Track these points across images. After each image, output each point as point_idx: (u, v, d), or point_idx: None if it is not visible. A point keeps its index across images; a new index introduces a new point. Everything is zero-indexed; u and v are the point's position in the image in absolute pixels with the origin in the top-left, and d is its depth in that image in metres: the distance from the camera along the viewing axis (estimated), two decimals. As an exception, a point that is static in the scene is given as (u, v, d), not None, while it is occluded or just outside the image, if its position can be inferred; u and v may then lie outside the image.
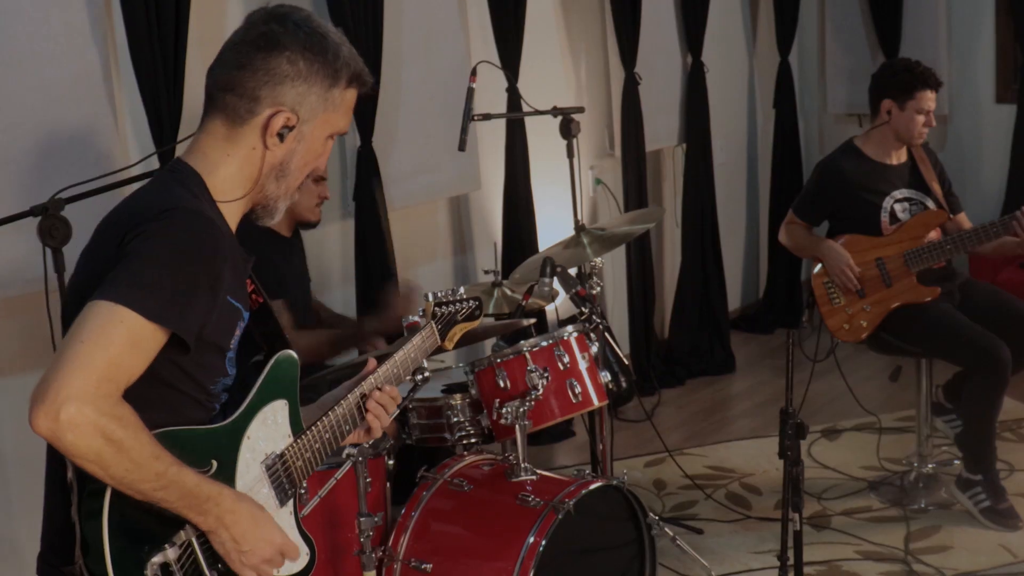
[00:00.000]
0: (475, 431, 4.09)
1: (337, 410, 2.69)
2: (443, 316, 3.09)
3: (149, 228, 2.24)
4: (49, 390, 2.07)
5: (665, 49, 7.47)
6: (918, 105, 5.18)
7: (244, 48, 2.43)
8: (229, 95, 2.43)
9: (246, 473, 2.41)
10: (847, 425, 6.25)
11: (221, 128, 2.45)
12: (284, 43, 2.41)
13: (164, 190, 2.38)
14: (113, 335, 2.12)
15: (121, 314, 2.13)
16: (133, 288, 2.16)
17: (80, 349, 2.10)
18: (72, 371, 2.08)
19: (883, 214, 5.20)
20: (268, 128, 2.43)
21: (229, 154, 2.45)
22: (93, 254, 2.39)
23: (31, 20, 4.31)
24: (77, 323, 2.14)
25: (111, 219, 2.40)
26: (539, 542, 3.57)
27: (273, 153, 2.47)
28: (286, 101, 2.43)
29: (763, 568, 4.75)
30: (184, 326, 2.23)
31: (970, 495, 5.06)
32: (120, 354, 2.13)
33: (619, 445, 5.93)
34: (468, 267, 6.38)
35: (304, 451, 2.57)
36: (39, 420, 2.07)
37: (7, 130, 4.25)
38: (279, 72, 2.41)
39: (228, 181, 2.46)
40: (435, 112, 5.89)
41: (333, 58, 2.46)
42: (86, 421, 2.07)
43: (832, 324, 5.23)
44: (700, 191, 7.55)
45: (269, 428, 2.48)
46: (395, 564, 3.78)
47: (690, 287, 7.58)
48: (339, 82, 2.50)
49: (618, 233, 5.00)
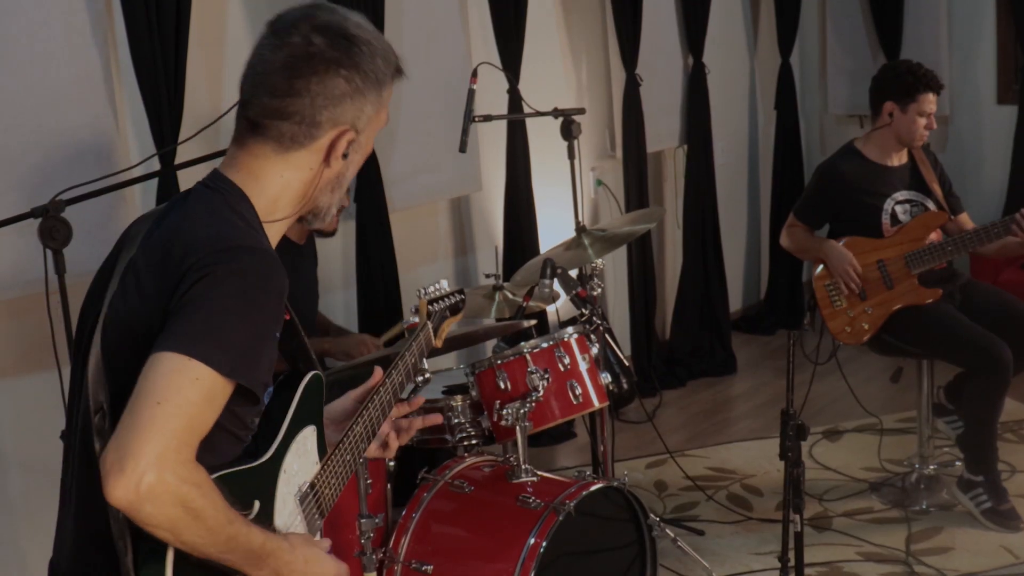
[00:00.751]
0: (476, 432, 4.08)
1: (356, 428, 2.58)
2: (437, 314, 3.00)
3: (216, 271, 2.08)
4: (127, 458, 1.93)
5: (666, 50, 7.47)
6: (920, 107, 5.18)
7: (294, 72, 2.25)
8: (285, 124, 2.27)
9: (283, 509, 2.30)
10: (848, 426, 6.25)
11: (272, 153, 2.30)
12: (336, 59, 2.26)
13: (219, 218, 2.21)
14: (190, 394, 2.00)
15: (196, 370, 2.01)
16: (206, 341, 2.03)
17: (157, 412, 1.97)
18: (151, 436, 1.95)
19: (884, 216, 5.20)
20: (333, 151, 2.32)
21: (283, 175, 2.31)
22: (142, 283, 2.18)
23: (31, 21, 4.31)
24: (148, 379, 2.00)
25: (160, 245, 2.20)
26: (540, 543, 3.56)
27: (332, 169, 2.35)
28: (346, 119, 2.31)
29: (764, 569, 4.75)
30: (256, 380, 2.13)
31: (971, 496, 5.06)
32: (197, 414, 2.02)
33: (620, 446, 5.93)
34: (469, 268, 6.38)
35: (331, 478, 2.46)
36: (117, 491, 1.93)
37: (7, 131, 4.25)
38: (337, 93, 2.27)
39: (278, 201, 2.33)
40: (436, 113, 5.89)
41: (383, 63, 2.36)
42: (166, 491, 1.95)
43: (833, 327, 5.23)
44: (701, 192, 7.56)
45: (301, 458, 2.37)
46: (396, 566, 3.77)
47: (691, 288, 7.58)
48: (386, 84, 2.39)
49: (619, 234, 5.00)
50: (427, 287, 2.99)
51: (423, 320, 2.94)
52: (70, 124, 4.42)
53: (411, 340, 2.87)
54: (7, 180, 4.25)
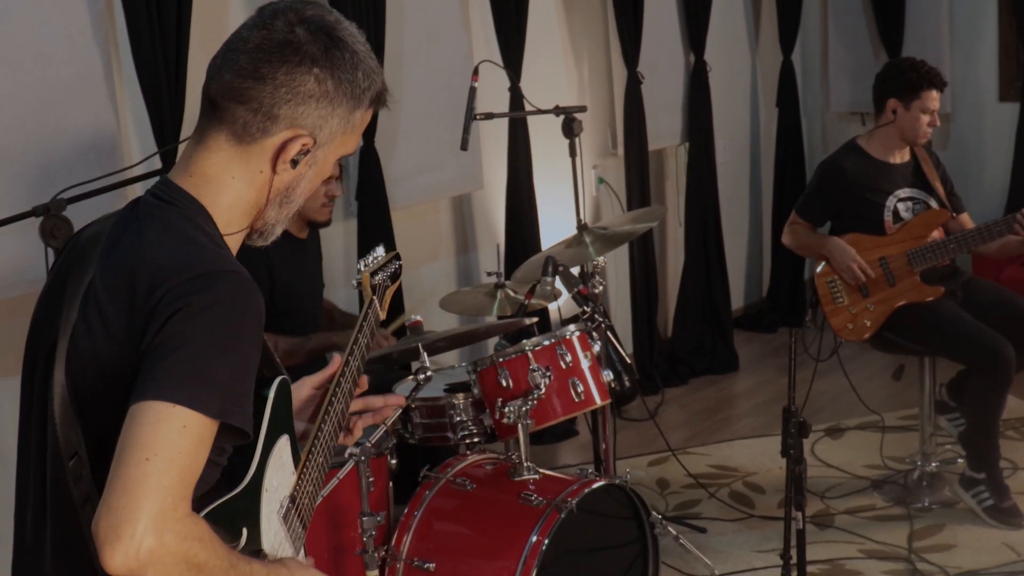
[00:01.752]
0: (478, 430, 4.08)
1: (325, 428, 2.43)
2: (379, 287, 2.78)
3: (190, 304, 1.94)
4: (123, 523, 1.82)
5: (668, 48, 7.47)
6: (923, 105, 5.18)
7: (263, 55, 2.09)
8: (241, 108, 2.10)
9: (269, 530, 2.19)
10: (850, 424, 6.25)
11: (225, 144, 2.13)
12: (312, 55, 2.10)
13: (182, 238, 2.06)
14: (179, 444, 1.88)
15: (183, 417, 1.88)
16: (189, 384, 1.90)
17: (148, 469, 1.85)
18: (145, 497, 1.83)
19: (886, 213, 5.20)
20: (283, 154, 2.14)
21: (235, 176, 2.15)
22: (107, 317, 2.01)
23: (32, 20, 4.31)
24: (132, 434, 1.87)
25: (121, 271, 2.03)
26: (542, 541, 3.57)
27: (281, 179, 2.18)
28: (306, 123, 2.13)
29: (766, 567, 4.74)
30: (245, 416, 2.01)
31: (974, 493, 5.06)
32: (189, 463, 1.90)
33: (622, 444, 5.93)
34: (471, 266, 6.39)
35: (308, 485, 2.34)
36: (116, 560, 1.82)
37: (8, 130, 4.26)
38: (303, 91, 2.10)
39: (233, 210, 2.17)
40: (437, 111, 5.90)
41: (363, 78, 2.16)
42: (168, 552, 1.84)
43: (836, 324, 5.23)
44: (703, 190, 7.56)
45: (280, 472, 2.25)
46: (398, 564, 3.78)
47: (693, 286, 7.58)
48: (363, 104, 2.19)
49: (621, 232, 5.00)
50: (364, 259, 2.79)
51: (368, 295, 2.73)
52: (71, 123, 4.42)
53: (361, 320, 2.67)
54: (8, 179, 4.25)
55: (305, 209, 4.63)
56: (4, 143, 4.25)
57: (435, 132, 5.89)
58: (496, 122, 5.75)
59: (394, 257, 2.87)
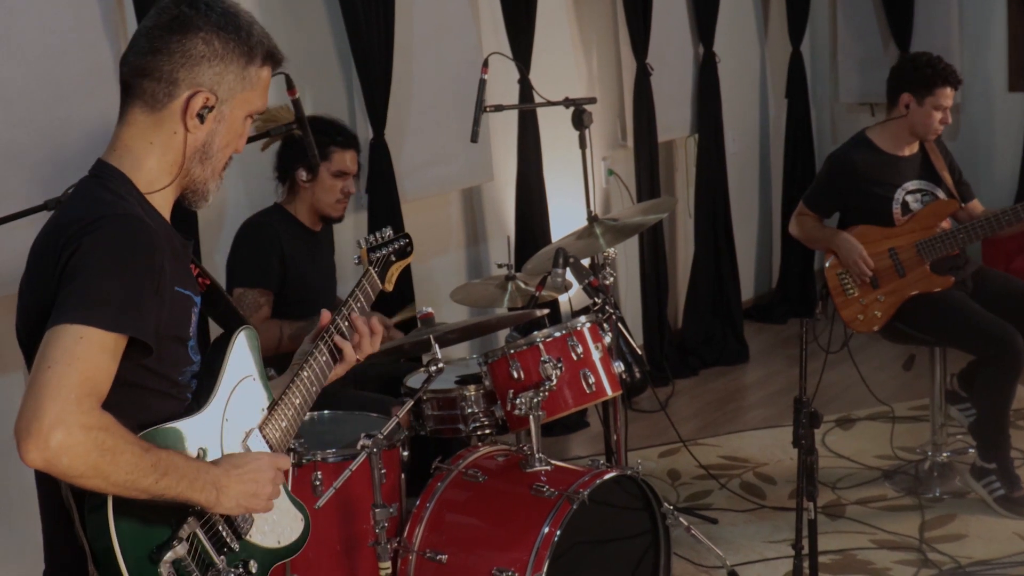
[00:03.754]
0: (489, 422, 4.09)
1: (303, 374, 2.77)
2: (379, 260, 3.12)
3: (83, 243, 2.24)
4: (32, 421, 2.09)
5: (677, 39, 7.47)
6: (936, 101, 5.16)
7: (157, 32, 2.42)
8: (146, 80, 2.42)
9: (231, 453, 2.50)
10: (861, 414, 6.25)
11: (140, 116, 2.45)
12: (197, 24, 2.42)
13: (89, 199, 2.38)
14: (78, 352, 2.14)
15: (80, 331, 2.16)
16: (83, 306, 2.18)
17: (50, 374, 2.12)
18: (49, 396, 2.10)
19: (895, 205, 5.19)
20: (188, 109, 2.43)
21: (152, 142, 2.45)
22: (34, 279, 2.38)
23: (42, 15, 4.32)
24: (40, 352, 2.16)
25: (42, 239, 2.40)
26: (554, 532, 3.57)
27: (195, 136, 2.47)
28: (204, 82, 2.43)
29: (778, 557, 4.75)
30: (141, 329, 2.26)
31: (984, 483, 5.06)
32: (89, 368, 2.15)
33: (633, 435, 5.94)
34: (481, 258, 6.39)
35: (280, 420, 2.65)
36: (31, 454, 2.09)
37: (19, 125, 4.26)
38: (195, 53, 2.41)
39: (154, 171, 2.46)
40: (447, 104, 5.90)
41: (247, 36, 2.48)
42: (76, 441, 2.10)
43: (846, 315, 5.23)
44: (712, 181, 7.56)
45: (243, 407, 2.55)
46: (410, 555, 3.78)
47: (703, 277, 7.58)
48: (255, 60, 2.50)
49: (631, 223, 5.00)
50: (369, 236, 3.12)
51: (365, 266, 3.05)
52: (81, 117, 4.43)
53: (355, 287, 3.00)
54: (19, 174, 4.26)
55: (320, 204, 4.67)
56: (14, 137, 4.25)
57: (445, 125, 5.90)
58: (506, 114, 5.76)
59: (401, 236, 3.18)
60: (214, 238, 5.05)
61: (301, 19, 5.37)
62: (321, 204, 4.68)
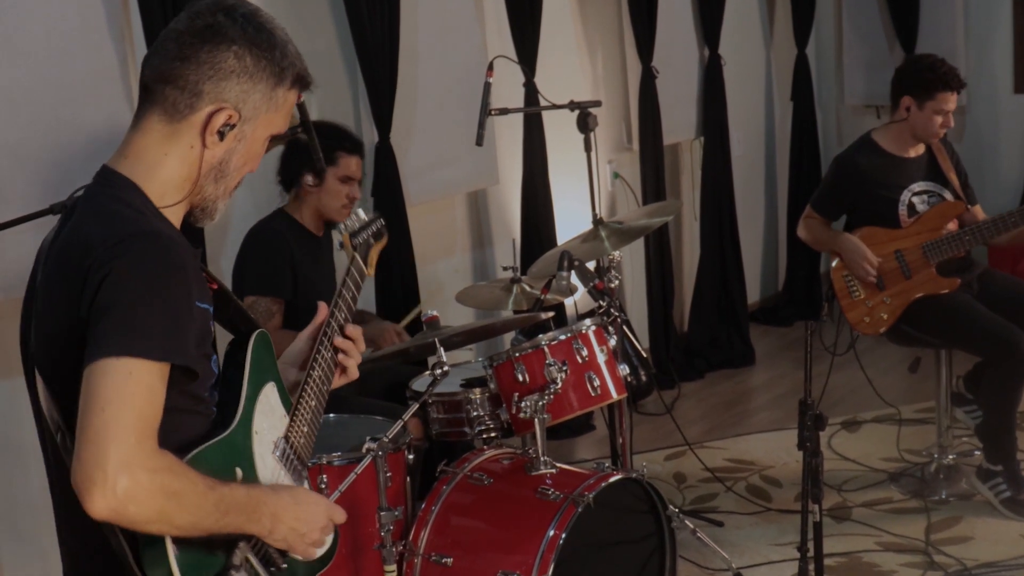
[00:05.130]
0: (494, 425, 4.10)
1: (314, 374, 2.68)
2: (361, 245, 2.99)
3: (114, 267, 2.11)
4: (95, 470, 1.98)
5: (682, 42, 7.47)
6: (937, 106, 5.16)
7: (187, 39, 2.28)
8: (169, 87, 2.28)
9: (264, 468, 2.38)
10: (867, 417, 6.25)
11: (158, 124, 2.31)
12: (231, 36, 2.28)
13: (106, 213, 2.23)
14: (129, 389, 2.04)
15: (127, 366, 2.05)
16: (126, 337, 2.07)
17: (105, 417, 2.01)
18: (109, 441, 1.99)
19: (901, 207, 5.19)
20: (209, 125, 2.30)
21: (167, 153, 2.31)
22: (55, 298, 2.22)
23: (48, 17, 4.32)
24: (89, 393, 2.04)
25: (59, 256, 2.24)
26: (559, 535, 3.57)
27: (212, 152, 2.33)
28: (229, 98, 2.30)
29: (783, 560, 4.75)
30: (187, 355, 2.17)
31: (991, 486, 5.06)
32: (143, 404, 2.05)
33: (639, 438, 5.93)
34: (487, 262, 6.39)
35: (302, 425, 2.57)
36: (97, 505, 1.98)
37: (25, 127, 4.27)
38: (224, 67, 2.28)
39: (167, 184, 2.32)
40: (452, 107, 5.90)
41: (280, 56, 2.34)
42: (142, 486, 2.00)
43: (852, 317, 5.22)
44: (718, 184, 7.56)
45: (268, 416, 2.46)
46: (416, 558, 3.78)
47: (709, 280, 7.58)
48: (284, 82, 2.37)
49: (636, 226, 5.00)
50: (346, 222, 2.98)
51: (350, 254, 2.94)
52: (87, 120, 4.43)
53: (345, 275, 2.90)
54: (25, 177, 4.27)
55: (326, 209, 4.68)
56: (20, 140, 4.26)
57: (450, 128, 5.90)
58: (511, 118, 5.76)
59: (376, 219, 3.07)
60: (220, 243, 5.05)
61: (306, 22, 5.38)
62: (327, 209, 4.69)
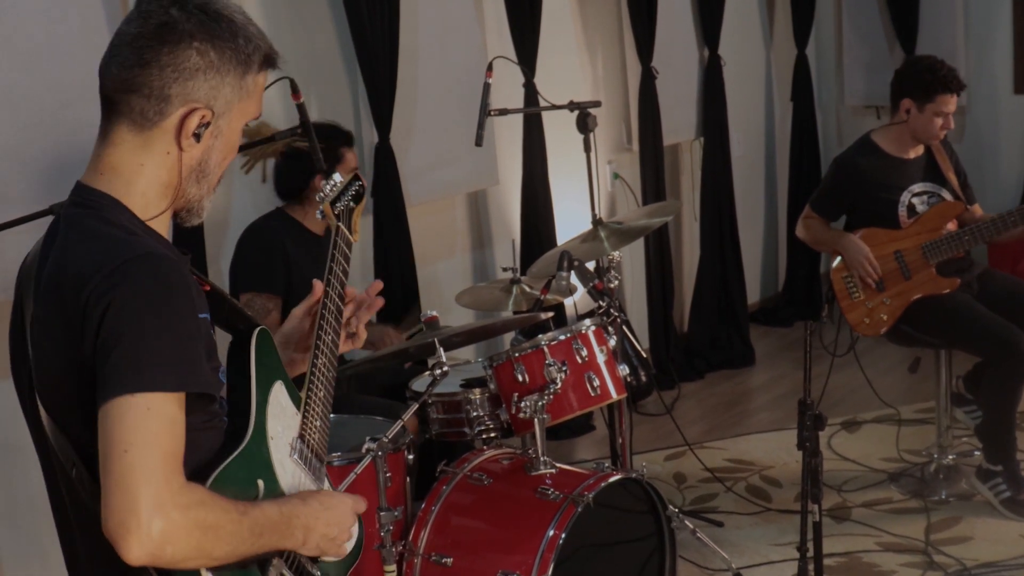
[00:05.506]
0: (494, 425, 4.10)
1: (318, 362, 2.53)
2: (344, 212, 2.83)
3: (114, 297, 2.00)
4: (129, 516, 1.91)
5: (682, 43, 7.47)
6: (937, 108, 5.15)
7: (144, 42, 2.13)
8: (134, 96, 2.16)
9: (284, 474, 2.30)
10: (867, 417, 6.25)
11: (127, 135, 2.19)
12: (190, 32, 2.13)
13: (95, 238, 2.10)
14: (150, 426, 1.95)
15: (145, 402, 1.96)
16: (138, 370, 1.97)
17: (131, 459, 1.93)
18: (138, 484, 1.92)
19: (901, 208, 5.19)
20: (183, 129, 2.17)
21: (143, 163, 2.19)
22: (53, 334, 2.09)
23: (48, 19, 4.33)
24: (109, 434, 1.95)
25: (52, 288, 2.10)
26: (559, 535, 3.57)
27: (190, 155, 2.20)
28: (199, 97, 2.16)
29: (783, 560, 4.75)
30: (203, 380, 2.09)
31: (990, 486, 5.06)
32: (167, 440, 1.97)
33: (639, 439, 5.93)
34: (487, 262, 6.39)
35: (314, 420, 2.45)
36: (134, 552, 1.91)
37: (25, 128, 4.27)
38: (188, 66, 2.14)
39: (148, 195, 2.20)
40: (452, 108, 5.91)
41: (244, 42, 2.19)
42: (177, 526, 1.93)
43: (852, 318, 5.23)
44: (718, 184, 7.56)
45: (281, 417, 2.36)
46: (415, 559, 3.79)
47: (709, 280, 7.58)
48: (252, 68, 2.22)
49: (636, 226, 5.00)
50: (323, 188, 2.80)
51: (334, 224, 2.78)
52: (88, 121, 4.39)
53: (332, 248, 2.74)
54: (25, 178, 4.27)
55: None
56: (21, 142, 4.26)
57: (450, 128, 5.90)
58: (511, 118, 5.76)
59: (353, 179, 2.88)
60: (219, 242, 5.05)
61: (306, 23, 5.38)
62: None
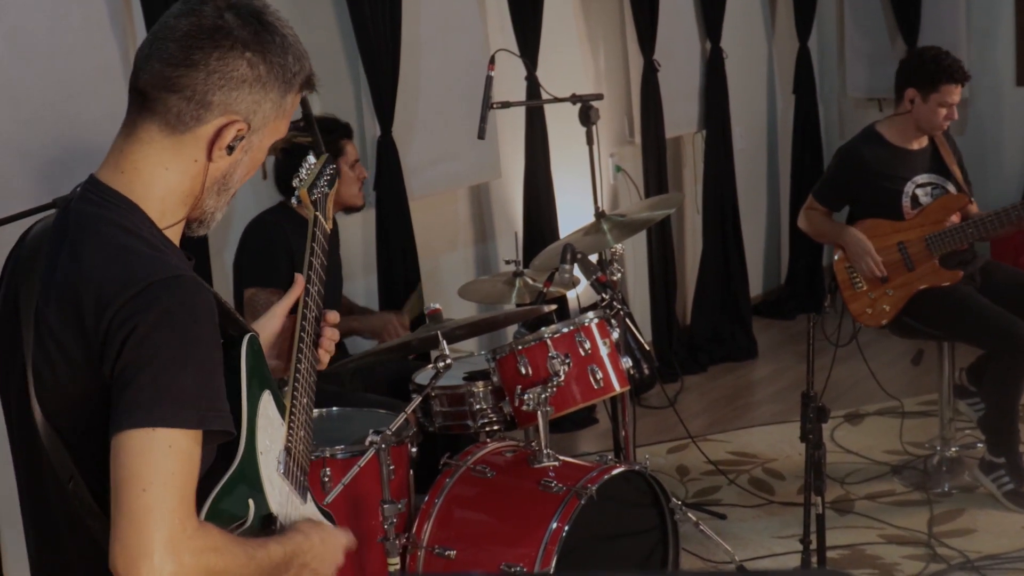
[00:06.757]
0: (497, 418, 4.10)
1: (301, 367, 2.42)
2: (320, 200, 2.65)
3: (139, 324, 1.92)
4: (141, 559, 1.85)
5: (684, 35, 7.46)
6: (942, 98, 5.15)
7: (195, 41, 2.03)
8: (173, 97, 2.04)
9: (273, 491, 2.20)
10: (870, 409, 6.25)
11: (158, 135, 2.07)
12: (243, 40, 2.04)
13: (118, 248, 2.01)
14: (170, 465, 1.89)
15: (166, 438, 1.89)
16: (163, 404, 1.90)
17: (147, 499, 1.86)
18: (152, 527, 1.86)
19: (904, 199, 5.19)
20: (218, 140, 2.08)
21: (168, 167, 2.08)
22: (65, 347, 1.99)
23: (51, 14, 4.33)
24: (124, 466, 1.88)
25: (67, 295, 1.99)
26: (562, 528, 3.58)
27: (217, 166, 2.11)
28: (240, 109, 2.07)
29: (786, 552, 4.75)
30: (224, 416, 2.01)
31: (993, 478, 5.06)
32: (185, 481, 1.91)
33: (642, 431, 5.93)
34: (489, 255, 6.39)
35: (299, 430, 2.33)
36: None
37: (27, 124, 4.28)
38: (236, 75, 2.05)
39: (167, 201, 2.10)
40: (454, 101, 5.90)
41: (293, 61, 2.12)
42: (188, 569, 1.87)
43: (854, 309, 5.23)
44: (720, 177, 7.55)
45: (268, 430, 2.23)
46: (419, 551, 3.79)
47: (712, 273, 7.58)
48: (293, 88, 2.15)
49: (638, 219, 5.01)
50: (297, 174, 2.62)
51: (312, 213, 2.62)
52: (90, 116, 4.44)
53: (310, 240, 2.59)
54: (28, 173, 4.27)
55: (344, 197, 4.69)
56: (23, 136, 4.27)
57: (452, 122, 5.90)
58: (513, 111, 5.75)
59: (325, 162, 2.71)
60: (222, 237, 5.06)
61: (308, 17, 5.38)
62: (346, 197, 4.70)
